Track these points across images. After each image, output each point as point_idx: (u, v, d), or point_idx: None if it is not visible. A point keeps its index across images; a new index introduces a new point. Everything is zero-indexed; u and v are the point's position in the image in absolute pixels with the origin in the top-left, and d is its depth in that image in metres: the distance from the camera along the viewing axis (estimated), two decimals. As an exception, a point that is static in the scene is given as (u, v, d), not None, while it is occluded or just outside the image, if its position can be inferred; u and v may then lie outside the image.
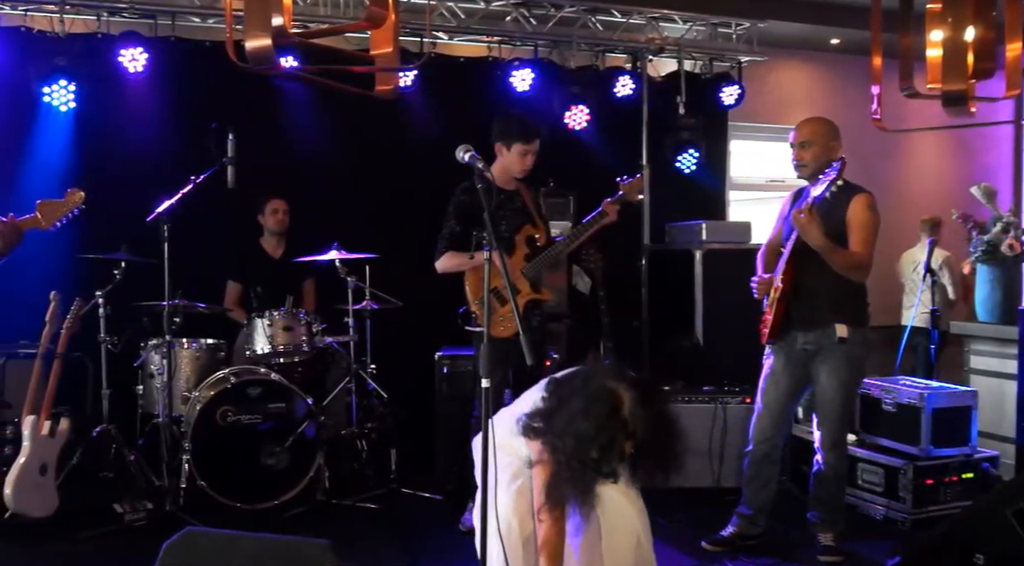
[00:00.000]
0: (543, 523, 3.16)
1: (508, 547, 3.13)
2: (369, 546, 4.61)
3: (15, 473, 4.61)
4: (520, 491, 3.29)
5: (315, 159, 6.50)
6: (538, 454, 3.14)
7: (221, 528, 2.78)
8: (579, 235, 4.87)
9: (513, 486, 3.29)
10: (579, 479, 3.03)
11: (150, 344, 5.42)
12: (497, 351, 3.40)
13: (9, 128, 6.02)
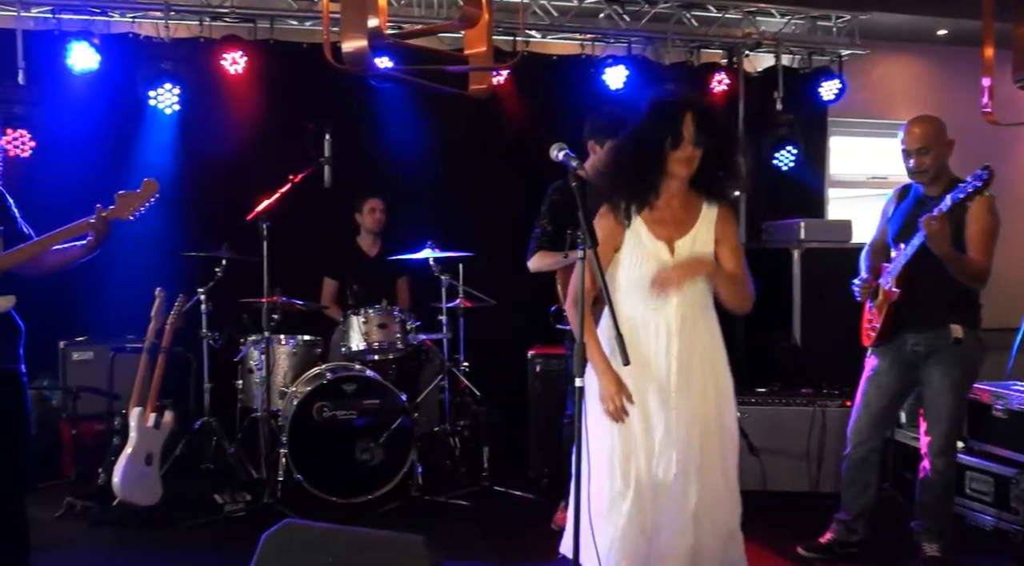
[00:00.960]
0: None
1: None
2: (461, 543, 4.63)
3: (123, 462, 4.78)
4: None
5: (410, 158, 6.56)
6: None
7: (316, 521, 2.82)
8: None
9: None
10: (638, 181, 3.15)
11: (249, 340, 5.55)
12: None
13: (118, 130, 6.23)
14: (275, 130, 6.33)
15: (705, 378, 3.25)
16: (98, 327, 5.91)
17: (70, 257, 3.75)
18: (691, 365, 3.21)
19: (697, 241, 3.23)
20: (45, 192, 5.37)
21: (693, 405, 3.19)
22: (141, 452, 4.86)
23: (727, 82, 7.11)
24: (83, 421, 5.56)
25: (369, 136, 6.49)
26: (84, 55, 6.00)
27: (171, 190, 6.00)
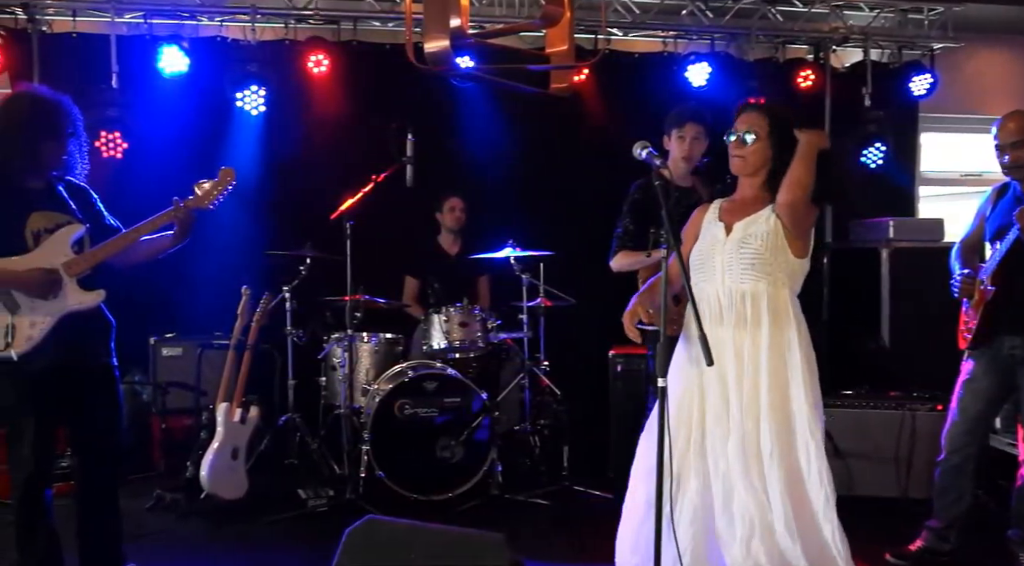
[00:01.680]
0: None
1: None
2: (540, 542, 4.61)
3: (210, 456, 4.88)
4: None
5: (491, 157, 6.57)
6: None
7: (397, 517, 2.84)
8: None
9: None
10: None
11: (333, 337, 5.62)
12: (672, 351, 3.33)
13: (206, 131, 6.37)
14: (358, 130, 6.41)
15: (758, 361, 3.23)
16: (187, 324, 6.05)
17: (158, 248, 3.85)
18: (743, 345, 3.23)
19: (750, 224, 3.31)
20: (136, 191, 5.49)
21: (746, 388, 3.19)
22: (227, 446, 4.96)
23: (813, 78, 6.97)
24: (172, 415, 5.70)
25: (450, 135, 6.52)
26: (174, 58, 6.16)
27: (257, 190, 6.15)
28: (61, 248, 3.62)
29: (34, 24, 6.18)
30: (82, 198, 3.79)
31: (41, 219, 3.62)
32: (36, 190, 3.65)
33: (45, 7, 6.28)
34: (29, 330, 3.57)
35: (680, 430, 3.20)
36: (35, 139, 3.59)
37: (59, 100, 3.67)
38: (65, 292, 3.61)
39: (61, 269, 3.60)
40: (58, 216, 3.66)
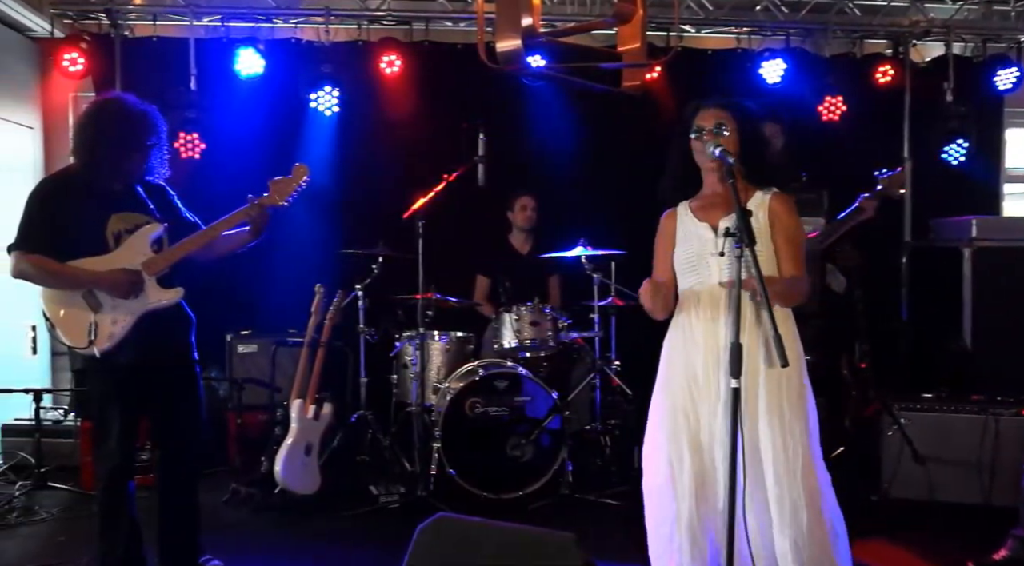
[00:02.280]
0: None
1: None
2: (610, 543, 4.57)
3: (284, 452, 4.95)
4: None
5: (563, 156, 6.56)
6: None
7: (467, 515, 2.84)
8: (833, 232, 4.64)
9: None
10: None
11: (404, 336, 5.66)
12: (742, 350, 3.27)
13: (280, 132, 6.47)
14: (430, 129, 6.45)
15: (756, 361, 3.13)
16: (262, 321, 6.15)
17: (235, 244, 3.94)
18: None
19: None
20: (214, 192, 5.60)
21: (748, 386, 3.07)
22: (301, 442, 5.03)
23: (892, 73, 6.82)
24: (247, 411, 5.79)
25: (522, 134, 6.52)
26: (250, 60, 6.27)
27: (330, 189, 6.23)
28: (141, 248, 3.71)
29: (116, 29, 6.34)
30: (160, 197, 3.89)
31: (121, 220, 3.72)
32: (116, 192, 3.75)
33: (127, 12, 6.44)
34: (111, 328, 3.67)
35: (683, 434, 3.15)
36: (119, 149, 3.69)
37: (146, 110, 3.77)
38: (146, 291, 3.70)
39: (141, 269, 3.69)
40: (137, 217, 3.75)
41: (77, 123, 3.81)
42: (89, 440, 5.49)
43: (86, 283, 3.65)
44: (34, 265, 3.63)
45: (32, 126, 6.75)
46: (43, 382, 6.71)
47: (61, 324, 3.69)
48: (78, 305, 3.66)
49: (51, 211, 3.67)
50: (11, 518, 4.93)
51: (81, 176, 3.71)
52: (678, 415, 3.18)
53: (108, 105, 3.79)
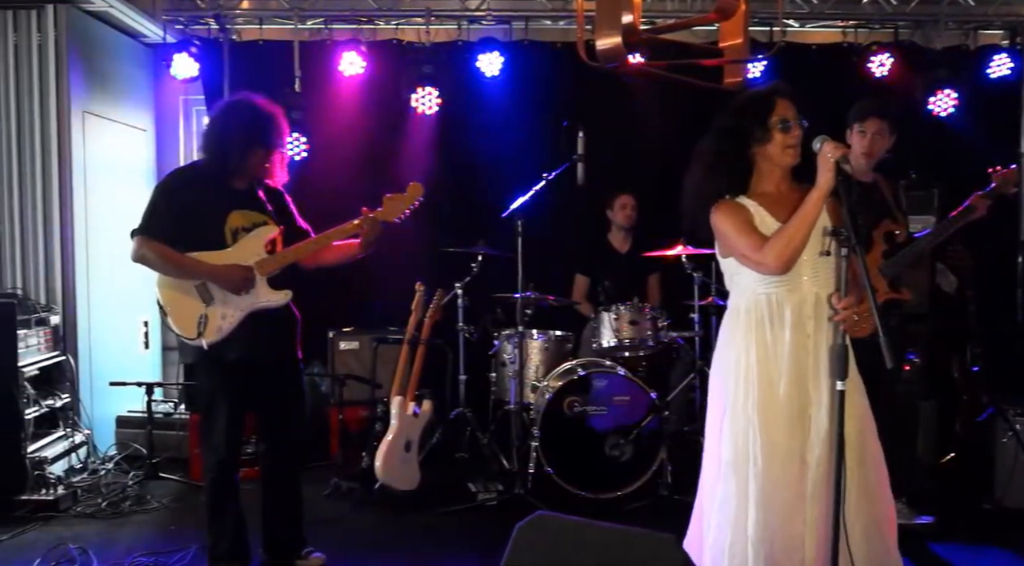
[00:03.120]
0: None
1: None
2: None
3: (384, 448, 5.01)
4: None
5: (663, 154, 6.48)
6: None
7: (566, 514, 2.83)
8: (944, 231, 4.49)
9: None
10: None
11: (503, 334, 5.68)
12: (848, 353, 3.19)
13: (382, 132, 6.57)
14: (529, 128, 6.46)
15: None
16: (363, 319, 6.25)
17: (345, 254, 4.01)
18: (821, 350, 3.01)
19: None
20: (317, 190, 5.75)
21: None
22: (401, 439, 5.08)
23: (1010, 65, 6.55)
24: (348, 407, 5.89)
25: (621, 132, 6.48)
26: (353, 62, 6.37)
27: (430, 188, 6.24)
28: (256, 247, 3.82)
29: (225, 34, 6.52)
30: (277, 201, 4.00)
31: (240, 218, 3.84)
32: (239, 191, 3.88)
33: (235, 17, 6.62)
34: (220, 322, 3.78)
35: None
36: (247, 147, 3.80)
37: (272, 113, 3.88)
38: (256, 289, 3.81)
39: (254, 267, 3.80)
40: (256, 216, 3.87)
41: (209, 120, 3.96)
42: (197, 432, 5.66)
43: (201, 275, 3.78)
44: (154, 251, 3.78)
45: (145, 129, 6.99)
46: (154, 376, 6.94)
47: (173, 313, 3.84)
48: (191, 296, 3.80)
49: (175, 202, 3.82)
50: (125, 506, 5.10)
51: (208, 171, 3.86)
52: (755, 429, 3.05)
53: (237, 104, 3.92)
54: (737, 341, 3.14)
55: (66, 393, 5.72)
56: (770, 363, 3.05)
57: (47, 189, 5.85)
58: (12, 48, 5.81)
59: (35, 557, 4.27)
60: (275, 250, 3.90)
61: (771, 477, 2.99)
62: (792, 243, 2.96)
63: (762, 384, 3.04)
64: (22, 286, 5.82)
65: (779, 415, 3.02)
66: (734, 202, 3.17)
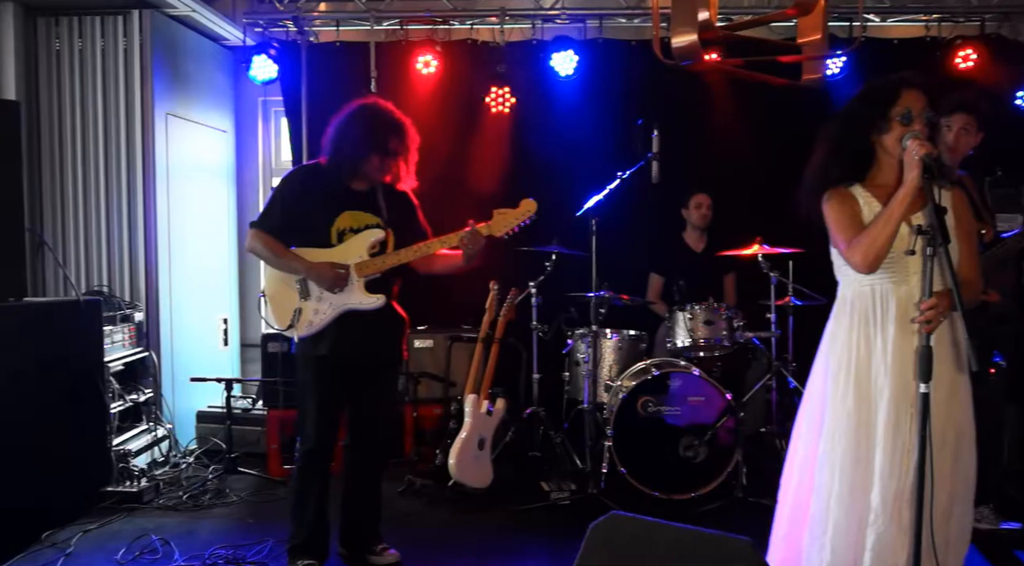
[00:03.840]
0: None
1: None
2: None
3: (458, 446, 5.04)
4: None
5: (739, 152, 6.43)
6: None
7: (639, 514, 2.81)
8: (1033, 229, 4.36)
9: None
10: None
11: (577, 333, 5.67)
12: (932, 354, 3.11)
13: (457, 132, 6.60)
14: (604, 127, 6.44)
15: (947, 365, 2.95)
16: (438, 317, 6.29)
17: (448, 265, 4.05)
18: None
19: (928, 218, 2.85)
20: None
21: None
22: (474, 437, 5.11)
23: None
24: (423, 405, 5.93)
25: (696, 130, 6.43)
26: (428, 62, 6.42)
27: (504, 188, 6.31)
28: (358, 249, 3.90)
29: (303, 36, 6.62)
30: (401, 203, 4.05)
31: (350, 219, 3.93)
32: (357, 192, 3.96)
33: (312, 20, 6.72)
34: (312, 317, 3.88)
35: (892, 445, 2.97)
36: (362, 152, 3.87)
37: (391, 118, 3.95)
38: (350, 289, 3.88)
39: (352, 268, 3.85)
40: (367, 218, 3.94)
41: (333, 122, 4.01)
42: (275, 428, 5.77)
43: (298, 270, 3.89)
44: (263, 243, 3.92)
45: (225, 130, 7.14)
46: (233, 372, 7.08)
47: (273, 303, 4.00)
48: (291, 289, 3.92)
49: (289, 198, 3.94)
50: (205, 499, 5.22)
51: (326, 172, 3.94)
52: (852, 431, 3.01)
53: (360, 110, 3.99)
54: (840, 334, 3.11)
55: (149, 388, 5.87)
56: (873, 358, 3.00)
57: (132, 190, 6.02)
58: (100, 53, 5.98)
59: (120, 546, 4.40)
60: (380, 253, 3.96)
61: (863, 479, 2.96)
62: (876, 243, 2.91)
63: (862, 380, 3.00)
64: (108, 284, 5.99)
65: (876, 414, 2.97)
66: (845, 192, 3.11)
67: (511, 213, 3.98)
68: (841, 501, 3.00)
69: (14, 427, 4.47)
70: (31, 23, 5.94)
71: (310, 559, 3.98)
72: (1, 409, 4.41)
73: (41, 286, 5.92)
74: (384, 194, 4.01)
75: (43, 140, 6.01)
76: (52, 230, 6.02)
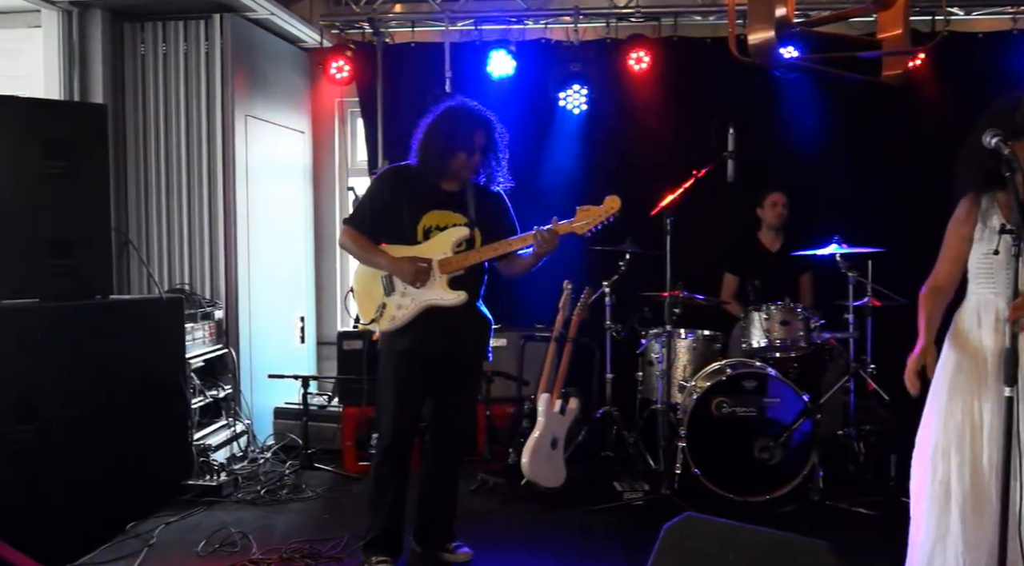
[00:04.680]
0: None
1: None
2: (862, 554, 4.34)
3: (531, 445, 5.05)
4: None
5: (816, 150, 6.33)
6: None
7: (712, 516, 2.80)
8: None
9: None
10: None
11: (650, 333, 5.65)
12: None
13: (531, 131, 6.61)
14: (678, 125, 6.40)
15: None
16: (511, 316, 6.30)
17: (524, 265, 4.07)
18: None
19: None
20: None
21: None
22: (547, 436, 5.12)
23: None
24: (496, 403, 5.96)
25: (773, 128, 6.35)
26: (502, 62, 6.45)
27: (579, 187, 6.31)
28: (443, 246, 3.94)
29: (378, 37, 6.69)
30: (492, 202, 4.11)
31: (436, 217, 3.99)
32: (446, 192, 4.03)
33: (388, 21, 6.80)
34: (395, 311, 3.94)
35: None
36: (448, 150, 3.93)
37: (476, 117, 4.00)
38: (432, 285, 3.92)
39: (435, 264, 3.90)
40: (453, 217, 3.99)
41: (423, 122, 4.08)
42: (350, 425, 5.85)
43: (381, 265, 3.98)
44: (352, 240, 4.03)
45: (303, 131, 7.26)
46: (309, 370, 7.20)
47: (359, 298, 4.11)
48: (377, 285, 4.01)
49: (378, 197, 4.04)
50: (282, 494, 5.31)
51: (416, 171, 4.02)
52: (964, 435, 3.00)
53: (447, 110, 4.05)
54: (953, 340, 3.15)
55: (228, 384, 6.00)
56: (978, 367, 3.01)
57: (212, 190, 6.16)
58: (182, 56, 6.13)
59: (200, 538, 4.50)
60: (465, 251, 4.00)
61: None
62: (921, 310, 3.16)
63: (968, 388, 3.03)
64: (189, 282, 6.14)
65: (976, 427, 2.95)
66: (971, 201, 3.13)
67: (594, 210, 3.97)
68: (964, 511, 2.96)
69: (102, 421, 4.61)
70: (118, 28, 6.12)
71: (384, 555, 4.03)
72: (89, 403, 4.55)
73: (126, 284, 6.09)
74: (475, 194, 4.05)
75: (128, 142, 6.18)
76: (136, 229, 6.19)
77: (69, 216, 4.57)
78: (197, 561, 4.29)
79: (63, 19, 5.90)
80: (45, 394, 4.36)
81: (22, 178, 4.46)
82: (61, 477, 4.38)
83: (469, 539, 4.35)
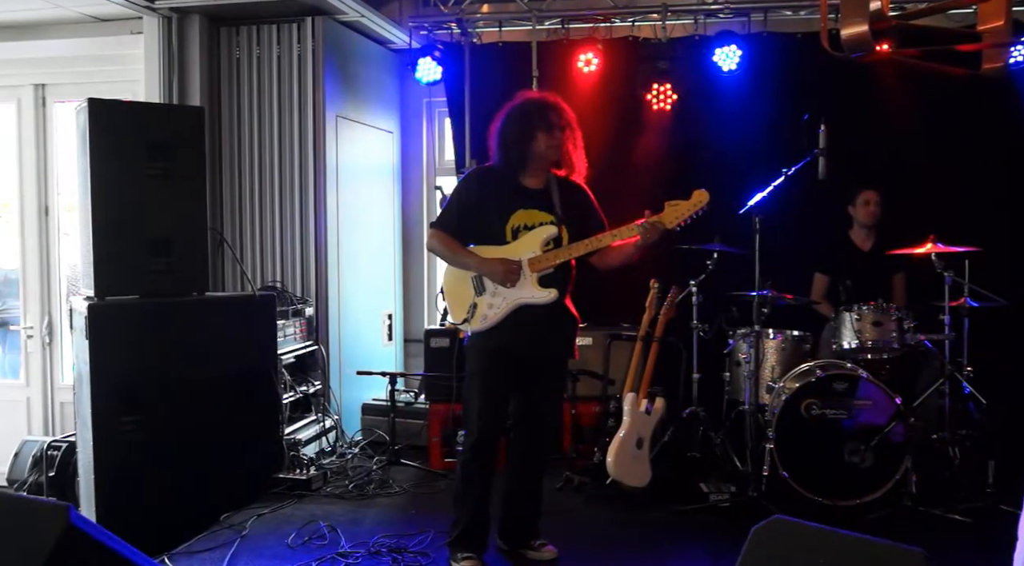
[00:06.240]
0: None
1: None
2: (957, 562, 4.24)
3: (616, 444, 5.04)
4: None
5: (911, 147, 6.18)
6: None
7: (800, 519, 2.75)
8: None
9: None
10: None
11: (738, 333, 5.58)
12: None
13: (618, 130, 6.59)
14: (768, 122, 6.30)
15: None
16: (597, 315, 6.29)
17: (620, 258, 4.07)
18: None
19: None
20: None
21: None
22: (633, 435, 5.10)
23: None
24: (581, 402, 5.95)
25: (866, 125, 6.21)
26: (589, 60, 6.46)
27: (666, 184, 6.26)
28: (532, 245, 3.98)
29: (466, 37, 6.75)
30: (576, 197, 4.12)
31: (524, 216, 4.03)
32: (531, 190, 4.06)
33: (476, 21, 6.85)
34: (486, 311, 3.99)
35: None
36: (522, 135, 3.97)
37: (542, 98, 4.06)
38: (523, 284, 3.96)
39: (525, 263, 3.94)
40: (540, 215, 4.03)
41: (493, 126, 4.13)
42: (437, 422, 5.92)
43: (471, 266, 4.02)
44: (440, 242, 4.08)
45: (391, 131, 7.36)
46: (396, 367, 7.30)
47: (450, 298, 4.15)
48: (467, 285, 4.05)
49: (465, 198, 4.09)
50: (369, 489, 5.40)
51: (499, 172, 4.07)
52: None
53: (512, 104, 4.09)
54: None
55: (317, 380, 6.12)
56: None
57: (303, 190, 6.29)
58: (276, 59, 6.27)
59: (291, 531, 4.61)
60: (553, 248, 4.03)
61: None
62: None
63: None
64: (281, 280, 6.27)
65: None
66: None
67: (683, 204, 3.95)
68: None
69: (197, 415, 4.75)
70: (215, 33, 6.29)
71: (470, 552, 4.07)
72: (185, 398, 4.69)
73: (220, 281, 6.25)
74: (559, 189, 4.06)
75: (223, 143, 6.35)
76: (230, 228, 6.35)
77: (168, 216, 4.72)
78: (288, 552, 4.39)
79: (163, 25, 6.10)
80: (145, 387, 4.52)
81: (127, 179, 4.63)
82: (160, 468, 4.53)
83: (554, 537, 4.36)
